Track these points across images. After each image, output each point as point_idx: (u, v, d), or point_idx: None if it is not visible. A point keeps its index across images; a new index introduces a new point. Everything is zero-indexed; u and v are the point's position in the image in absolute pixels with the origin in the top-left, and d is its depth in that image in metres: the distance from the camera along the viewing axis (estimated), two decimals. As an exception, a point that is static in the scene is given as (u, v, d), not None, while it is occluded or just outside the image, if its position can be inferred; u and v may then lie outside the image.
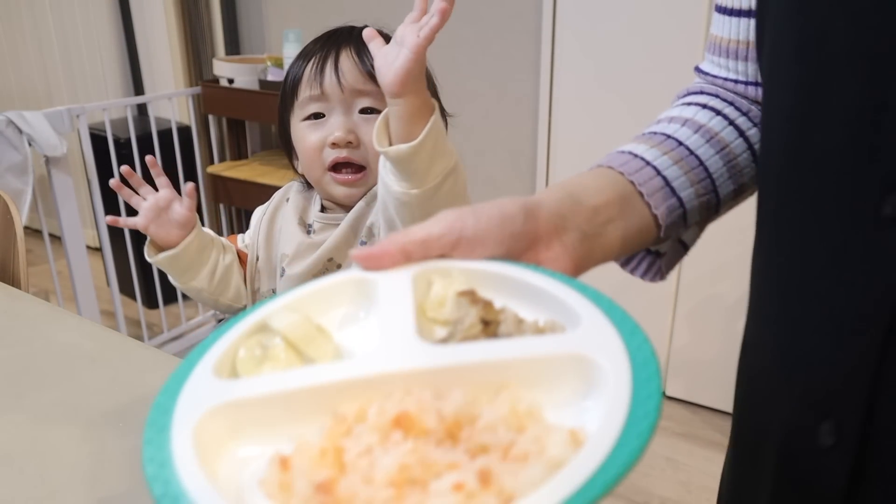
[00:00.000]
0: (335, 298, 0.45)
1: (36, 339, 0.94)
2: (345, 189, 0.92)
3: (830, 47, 0.38)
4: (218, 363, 0.40)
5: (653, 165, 0.54)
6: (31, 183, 2.04)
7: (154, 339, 2.44)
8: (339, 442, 0.34)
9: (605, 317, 0.37)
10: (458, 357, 0.36)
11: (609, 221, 0.51)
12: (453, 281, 0.44)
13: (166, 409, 0.39)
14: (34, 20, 3.11)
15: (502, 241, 0.45)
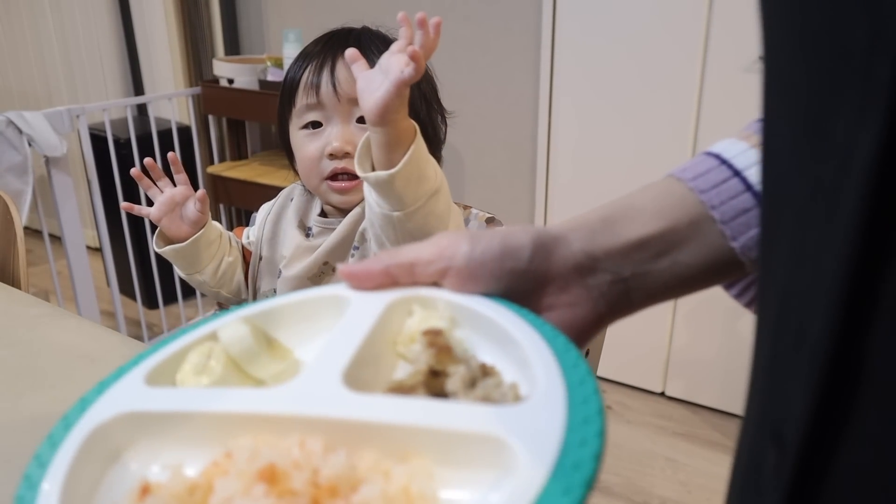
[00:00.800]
0: (312, 311, 0.43)
1: (36, 340, 0.94)
2: (341, 196, 0.93)
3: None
4: (156, 368, 0.39)
5: (742, 176, 0.40)
6: (31, 183, 2.04)
7: (154, 339, 2.44)
8: (213, 480, 0.31)
9: (565, 394, 0.31)
10: (368, 413, 0.32)
11: (661, 256, 0.40)
12: (434, 315, 0.40)
13: (83, 404, 0.38)
14: (34, 20, 3.11)
15: (500, 277, 0.39)
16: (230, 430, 0.33)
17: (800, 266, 0.25)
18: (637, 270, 0.41)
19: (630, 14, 1.85)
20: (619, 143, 1.97)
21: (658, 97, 1.88)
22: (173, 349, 0.40)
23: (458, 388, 0.34)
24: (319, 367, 0.35)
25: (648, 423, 2.03)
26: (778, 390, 0.27)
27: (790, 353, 0.25)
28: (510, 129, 2.16)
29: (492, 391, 0.34)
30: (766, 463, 0.27)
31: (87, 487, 0.33)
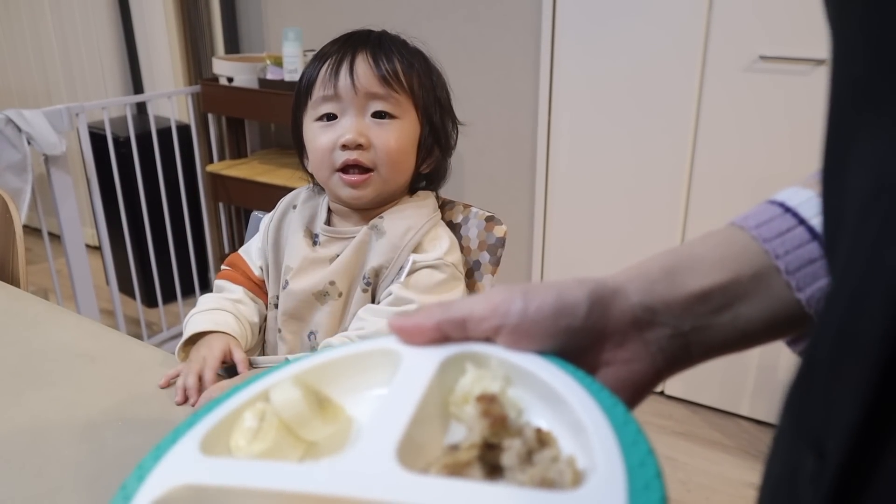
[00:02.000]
0: (364, 366, 0.42)
1: (35, 338, 0.94)
2: (351, 190, 0.93)
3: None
4: (209, 434, 0.39)
5: (808, 225, 0.38)
6: (31, 181, 2.04)
7: (153, 337, 2.44)
8: None
9: (625, 479, 0.30)
10: (423, 498, 0.31)
11: (723, 309, 0.39)
12: (487, 374, 0.39)
13: (142, 473, 0.38)
14: (33, 19, 3.10)
15: (555, 335, 0.38)
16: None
17: (855, 275, 0.24)
18: (697, 324, 0.39)
19: (630, 14, 1.85)
20: (618, 141, 1.97)
21: (658, 96, 1.88)
22: (226, 410, 0.40)
23: (514, 463, 0.33)
24: (373, 440, 0.35)
25: (648, 422, 2.03)
26: (821, 401, 0.26)
27: (837, 359, 0.25)
28: (510, 127, 2.16)
29: (549, 468, 0.32)
30: (803, 472, 0.27)
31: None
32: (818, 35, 1.63)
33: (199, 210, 2.51)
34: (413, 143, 0.95)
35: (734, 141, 1.81)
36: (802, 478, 0.27)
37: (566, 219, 2.12)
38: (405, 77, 0.92)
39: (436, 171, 1.01)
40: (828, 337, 0.26)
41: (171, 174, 2.36)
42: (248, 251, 1.04)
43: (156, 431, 0.75)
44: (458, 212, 1.04)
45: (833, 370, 0.25)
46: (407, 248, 0.92)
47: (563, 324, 0.38)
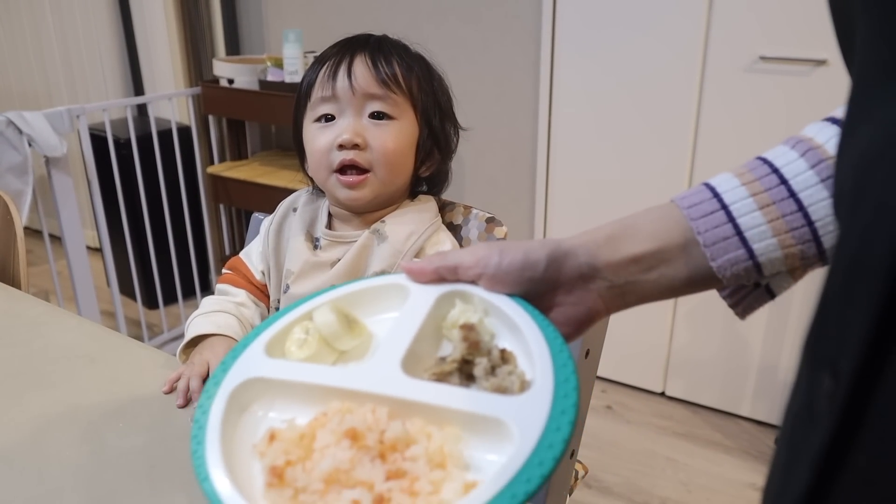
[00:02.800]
0: (380, 296, 0.58)
1: (36, 340, 0.94)
2: (348, 191, 0.92)
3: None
4: (271, 341, 0.54)
5: (728, 210, 0.49)
6: (31, 183, 2.04)
7: (154, 339, 2.44)
8: (315, 431, 0.46)
9: (552, 388, 0.45)
10: (414, 395, 0.47)
11: (651, 269, 0.50)
12: (470, 308, 0.53)
13: (225, 367, 0.52)
14: (34, 20, 3.11)
15: (521, 283, 0.52)
16: (324, 396, 0.49)
17: (865, 216, 0.29)
18: (630, 279, 0.51)
19: (630, 15, 1.85)
20: (618, 142, 1.97)
21: (658, 97, 1.88)
22: (281, 325, 0.55)
23: (482, 374, 0.48)
24: (386, 353, 0.50)
25: (648, 422, 2.03)
26: (834, 327, 0.31)
27: (849, 289, 0.29)
28: (510, 129, 2.16)
29: (505, 379, 0.47)
30: (819, 392, 0.31)
31: (231, 428, 0.48)
32: (818, 36, 1.63)
33: (200, 212, 2.51)
34: (411, 145, 0.94)
35: (734, 140, 1.81)
36: (819, 397, 0.31)
37: (566, 220, 2.12)
38: (404, 79, 0.92)
39: (436, 174, 1.01)
40: (840, 270, 0.30)
41: (171, 176, 2.36)
42: (248, 254, 1.03)
43: (156, 433, 0.75)
44: (459, 213, 1.04)
45: (845, 298, 0.29)
46: (409, 253, 0.92)
47: (527, 275, 0.51)
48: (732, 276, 0.49)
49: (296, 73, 2.14)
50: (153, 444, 0.73)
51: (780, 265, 0.49)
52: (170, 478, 0.67)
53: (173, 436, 0.74)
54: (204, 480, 0.44)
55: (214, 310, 0.94)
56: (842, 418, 0.28)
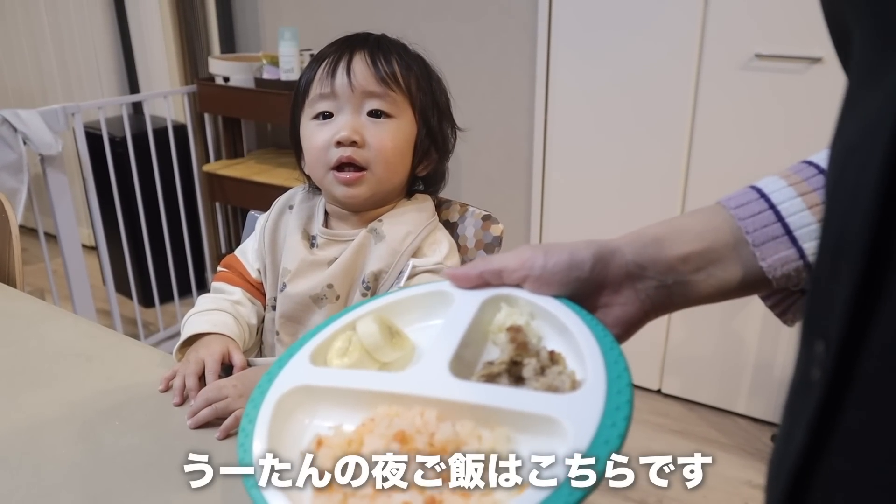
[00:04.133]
0: (424, 304, 0.58)
1: (31, 338, 0.94)
2: (345, 189, 0.92)
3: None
4: (315, 350, 0.54)
5: (776, 209, 0.49)
6: (27, 181, 2.03)
7: (150, 337, 2.43)
8: (363, 436, 0.45)
9: (605, 387, 0.44)
10: (463, 395, 0.46)
11: (699, 269, 0.50)
12: (516, 310, 0.53)
13: (271, 377, 0.52)
14: (29, 18, 3.10)
15: (567, 283, 0.51)
16: (371, 401, 0.48)
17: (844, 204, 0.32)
18: (679, 279, 0.50)
19: (626, 14, 1.85)
20: (614, 140, 1.97)
21: (654, 95, 1.88)
22: (325, 335, 0.55)
23: (531, 375, 0.47)
24: (433, 357, 0.49)
25: (645, 420, 2.04)
26: (825, 299, 0.34)
27: (835, 267, 0.32)
28: (506, 127, 2.16)
29: (555, 378, 0.46)
30: (814, 360, 0.34)
31: (277, 435, 0.48)
32: (814, 33, 1.64)
33: (196, 210, 2.50)
34: (409, 144, 0.94)
35: (730, 138, 1.81)
36: (813, 365, 0.34)
37: (562, 218, 2.12)
38: (403, 78, 0.92)
39: (433, 174, 1.01)
40: (827, 251, 0.34)
41: (167, 174, 2.35)
42: (244, 252, 1.03)
43: (153, 431, 0.74)
44: (455, 211, 1.04)
45: (832, 275, 0.32)
46: (406, 252, 0.92)
47: (574, 275, 0.51)
48: (783, 276, 0.49)
49: (292, 70, 2.14)
50: (149, 443, 0.73)
51: None
52: (166, 476, 0.67)
53: (169, 434, 0.74)
54: (252, 488, 0.44)
55: (210, 308, 0.94)
56: (832, 381, 0.31)
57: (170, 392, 0.81)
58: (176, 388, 0.81)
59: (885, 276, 0.29)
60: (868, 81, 0.31)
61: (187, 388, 0.80)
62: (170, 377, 0.83)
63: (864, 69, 0.32)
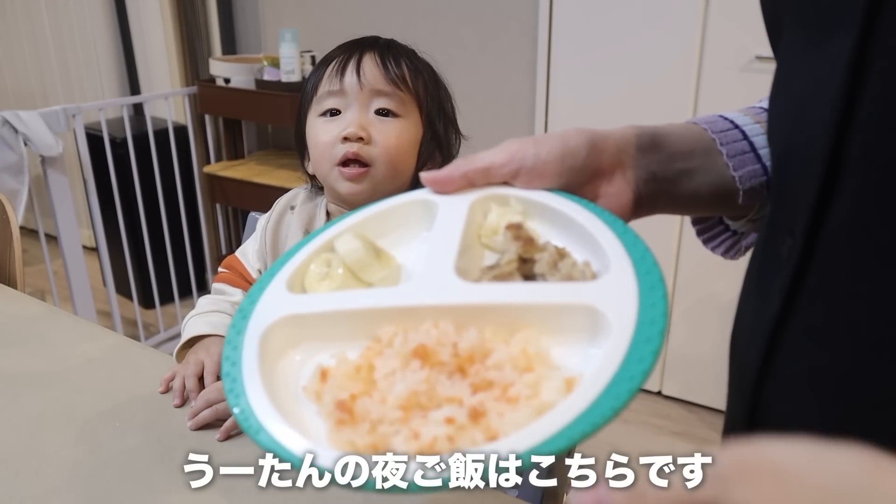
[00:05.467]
0: (403, 217, 0.51)
1: (32, 339, 0.94)
2: (349, 185, 0.92)
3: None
4: (291, 277, 0.46)
5: (741, 129, 0.53)
6: (27, 183, 2.03)
7: (150, 338, 2.43)
8: (372, 361, 0.39)
9: (632, 266, 0.40)
10: (483, 297, 0.41)
11: (684, 173, 0.51)
12: (509, 210, 0.47)
13: (245, 314, 0.45)
14: (30, 19, 3.10)
15: (562, 173, 0.47)
16: (372, 322, 0.42)
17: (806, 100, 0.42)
18: (664, 175, 0.50)
19: (627, 15, 1.86)
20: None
21: (655, 97, 1.88)
22: (297, 261, 0.48)
23: (545, 270, 0.42)
24: (433, 264, 0.44)
25: (645, 422, 2.04)
26: (792, 199, 0.42)
27: (800, 169, 0.41)
28: (507, 129, 2.16)
29: (572, 270, 0.41)
30: (783, 247, 0.42)
31: (269, 377, 0.40)
32: (814, 35, 1.64)
33: (197, 211, 2.50)
34: (414, 145, 0.95)
35: (731, 141, 1.81)
36: (782, 251, 0.42)
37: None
38: (411, 80, 0.93)
39: None
40: (791, 168, 0.43)
41: (168, 175, 2.36)
42: (244, 253, 1.03)
43: (153, 432, 0.74)
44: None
45: (799, 183, 0.41)
46: None
47: (568, 164, 0.47)
48: (750, 188, 0.51)
49: (292, 72, 2.14)
50: (149, 444, 0.73)
51: None
52: (166, 477, 0.67)
53: (170, 435, 0.74)
54: (258, 433, 0.37)
55: (210, 310, 0.94)
56: (798, 262, 0.41)
57: (170, 393, 0.81)
58: (176, 389, 0.81)
59: (835, 183, 0.38)
60: (808, 52, 0.41)
61: (187, 389, 0.80)
62: (169, 378, 0.83)
63: (799, 47, 0.42)
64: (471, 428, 0.35)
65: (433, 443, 0.34)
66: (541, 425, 0.33)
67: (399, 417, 0.36)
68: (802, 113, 0.42)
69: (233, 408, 0.39)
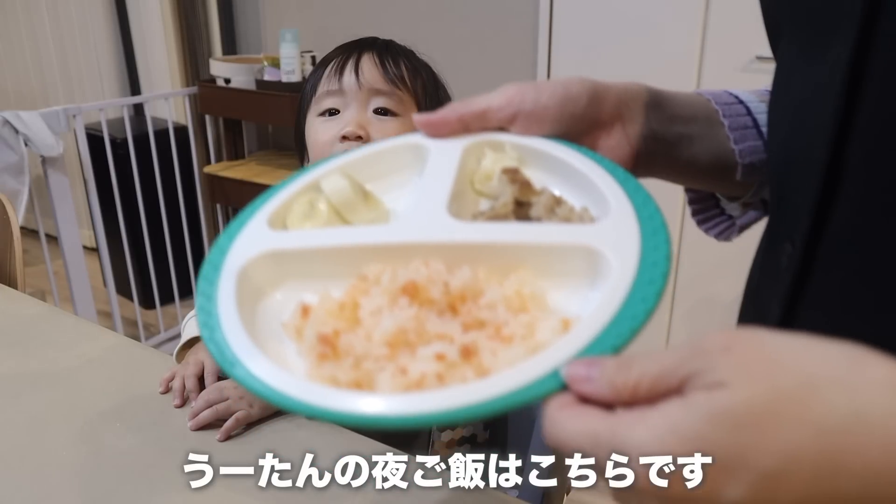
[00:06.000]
0: (393, 162, 0.49)
1: (32, 340, 0.94)
2: None
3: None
4: (273, 214, 0.44)
5: (745, 104, 0.52)
6: (28, 183, 2.03)
7: (151, 339, 2.43)
8: (357, 299, 0.37)
9: (634, 212, 0.38)
10: (477, 235, 0.39)
11: (685, 137, 0.50)
12: (504, 156, 0.46)
13: (222, 250, 0.42)
14: (30, 19, 3.10)
15: (561, 120, 0.46)
16: (358, 260, 0.39)
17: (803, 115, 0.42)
18: (663, 136, 0.49)
19: (628, 15, 1.86)
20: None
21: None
22: (281, 199, 0.45)
23: (542, 213, 0.40)
24: (425, 203, 0.42)
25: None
26: (792, 209, 0.43)
27: (799, 176, 0.41)
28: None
29: (570, 214, 0.40)
30: (783, 255, 0.43)
31: (248, 312, 0.38)
32: (814, 35, 1.64)
33: (197, 211, 2.50)
34: None
35: (731, 141, 1.81)
36: (782, 259, 0.43)
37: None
38: (410, 80, 0.93)
39: None
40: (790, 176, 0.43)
41: (168, 175, 2.36)
42: None
43: (153, 432, 0.74)
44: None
45: (798, 191, 0.41)
46: None
47: (569, 110, 0.45)
48: (750, 163, 0.51)
49: (292, 72, 2.14)
50: (150, 444, 0.73)
51: None
52: (167, 478, 0.67)
53: (170, 435, 0.74)
54: (233, 366, 0.35)
55: None
56: (798, 270, 0.41)
57: (170, 393, 0.81)
58: (176, 389, 0.81)
59: (834, 191, 0.38)
60: (807, 57, 0.42)
61: (187, 389, 0.80)
62: (168, 378, 0.83)
63: (797, 53, 0.43)
64: (461, 366, 0.33)
65: (421, 380, 0.33)
66: (535, 363, 0.31)
67: (385, 354, 0.34)
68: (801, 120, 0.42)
69: (207, 342, 0.37)
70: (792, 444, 0.25)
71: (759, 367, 0.26)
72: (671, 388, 0.28)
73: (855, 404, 0.25)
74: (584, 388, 0.30)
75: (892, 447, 0.25)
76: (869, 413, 0.25)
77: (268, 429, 0.75)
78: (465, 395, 0.31)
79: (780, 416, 0.25)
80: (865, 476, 0.25)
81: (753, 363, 0.26)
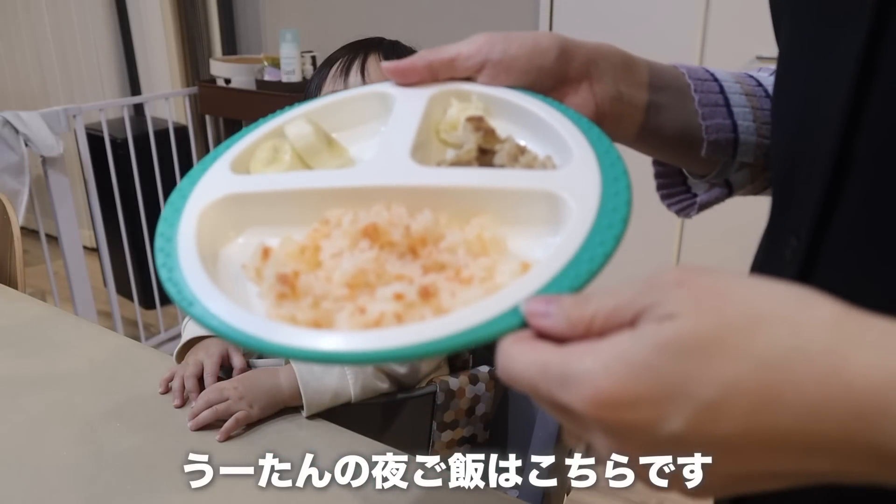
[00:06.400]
0: (360, 111, 0.49)
1: (32, 340, 0.94)
2: None
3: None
4: (236, 159, 0.44)
5: (720, 82, 0.52)
6: (28, 183, 2.03)
7: (151, 339, 2.43)
8: (318, 242, 0.38)
9: (596, 159, 0.39)
10: (439, 180, 0.39)
11: (652, 105, 0.50)
12: (469, 105, 0.46)
13: (184, 193, 0.42)
14: (30, 20, 3.10)
15: (529, 71, 0.46)
16: (320, 203, 0.40)
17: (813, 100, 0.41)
18: (631, 100, 0.49)
19: (627, 14, 1.86)
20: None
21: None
22: (244, 144, 0.45)
23: (506, 160, 0.41)
24: (389, 149, 0.42)
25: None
26: (797, 201, 0.43)
27: (806, 169, 0.41)
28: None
29: (533, 162, 0.41)
30: (787, 248, 0.42)
31: (208, 256, 0.38)
32: (815, 35, 1.64)
33: (197, 211, 2.50)
34: None
35: (731, 141, 1.82)
36: (786, 252, 0.42)
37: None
38: None
39: None
40: (808, 162, 0.41)
41: (168, 176, 2.36)
42: None
43: (154, 433, 0.74)
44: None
45: (805, 184, 0.41)
46: None
47: (537, 63, 0.46)
48: (715, 140, 0.51)
49: (293, 72, 2.14)
50: (150, 444, 0.73)
51: (751, 154, 0.52)
52: (167, 478, 0.67)
53: (170, 436, 0.74)
54: (191, 305, 0.35)
55: None
56: (802, 264, 0.41)
57: (170, 394, 0.81)
58: (175, 389, 0.81)
59: (841, 184, 0.38)
60: (815, 49, 0.41)
61: (187, 389, 0.80)
62: (168, 379, 0.83)
63: (805, 42, 0.43)
64: (420, 306, 0.34)
65: (379, 318, 0.33)
66: (493, 302, 0.32)
67: (344, 294, 0.35)
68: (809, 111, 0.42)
69: (165, 282, 0.36)
70: (732, 374, 0.25)
71: (709, 300, 0.27)
72: (624, 322, 0.28)
73: (797, 340, 0.25)
74: (541, 322, 0.30)
75: (829, 382, 0.25)
76: (809, 350, 0.25)
77: (268, 429, 0.75)
78: (423, 331, 0.31)
79: (724, 347, 0.26)
80: (802, 410, 0.25)
81: (704, 297, 0.27)
